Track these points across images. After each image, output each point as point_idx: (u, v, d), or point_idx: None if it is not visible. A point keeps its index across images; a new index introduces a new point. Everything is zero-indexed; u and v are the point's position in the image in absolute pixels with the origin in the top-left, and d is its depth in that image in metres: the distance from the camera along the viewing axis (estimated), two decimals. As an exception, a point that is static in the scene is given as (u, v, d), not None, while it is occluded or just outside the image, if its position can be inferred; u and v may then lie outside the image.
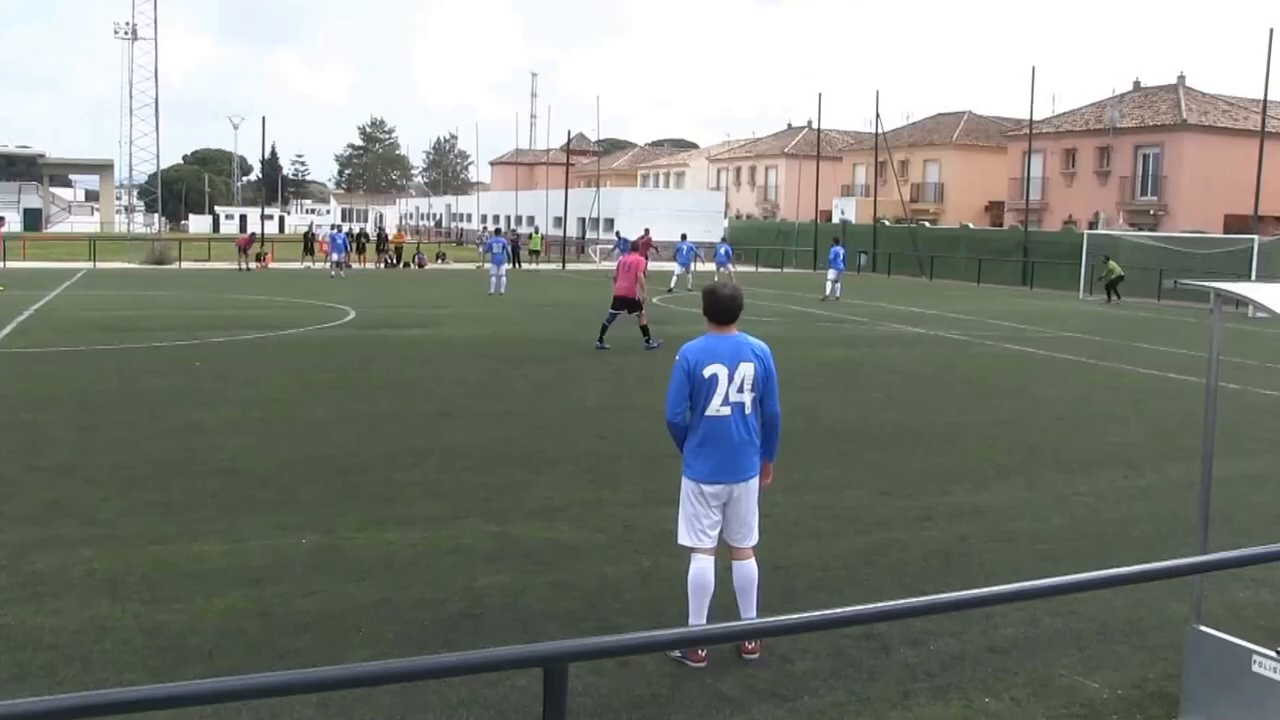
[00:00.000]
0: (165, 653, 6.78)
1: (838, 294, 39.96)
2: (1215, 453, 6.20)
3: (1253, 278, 38.30)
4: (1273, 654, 5.68)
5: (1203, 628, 6.06)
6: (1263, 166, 45.52)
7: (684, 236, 45.79)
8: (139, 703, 2.89)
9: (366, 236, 63.01)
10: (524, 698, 6.17)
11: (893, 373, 20.70)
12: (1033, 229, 58.82)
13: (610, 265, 42.21)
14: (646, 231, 43.58)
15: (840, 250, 41.86)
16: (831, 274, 40.95)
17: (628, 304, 22.72)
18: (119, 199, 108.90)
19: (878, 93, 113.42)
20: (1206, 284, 5.99)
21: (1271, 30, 44.44)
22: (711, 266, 45.97)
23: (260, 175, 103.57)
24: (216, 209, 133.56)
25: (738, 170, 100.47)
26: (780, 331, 26.20)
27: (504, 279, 38.98)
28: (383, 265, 58.19)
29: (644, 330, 23.00)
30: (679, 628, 6.94)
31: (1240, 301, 5.91)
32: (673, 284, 41.90)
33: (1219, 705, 5.93)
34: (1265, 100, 46.42)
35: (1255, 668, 5.69)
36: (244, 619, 7.36)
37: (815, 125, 74.30)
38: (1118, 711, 6.38)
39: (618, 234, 51.80)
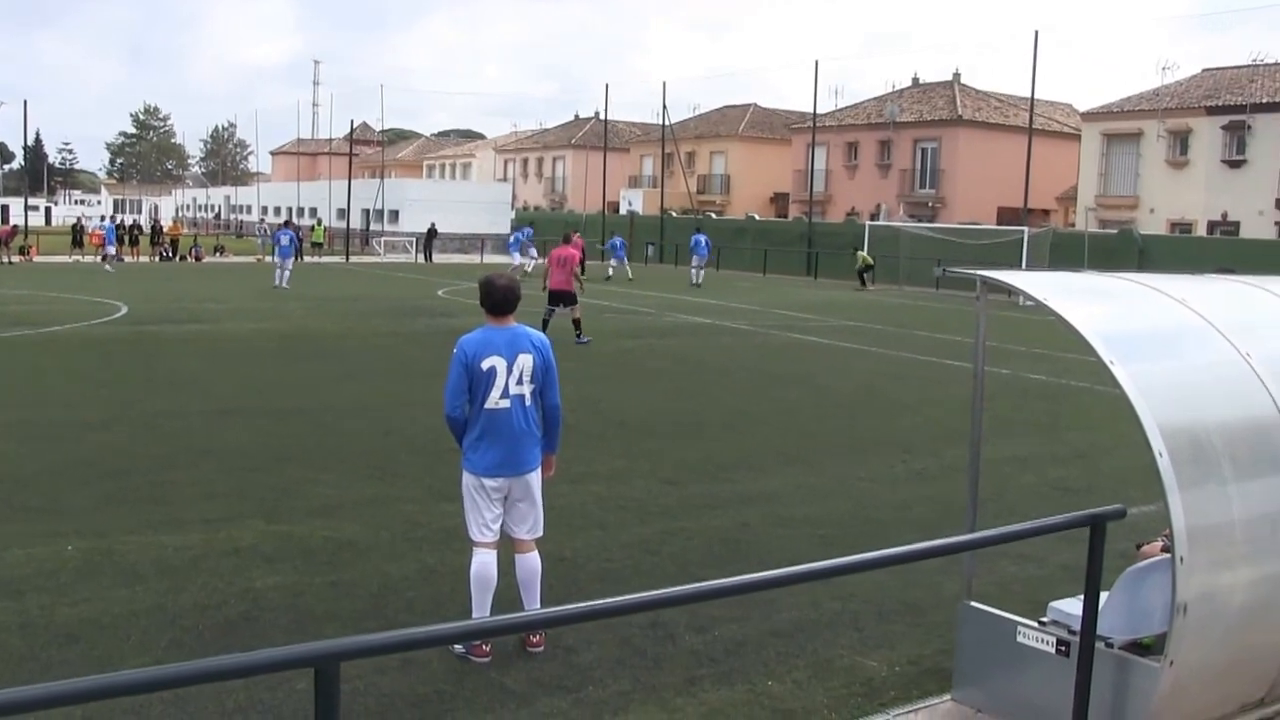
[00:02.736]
0: (-90, 672, 6.33)
1: (698, 280, 43.69)
2: (986, 436, 6.43)
3: (1023, 266, 40.16)
4: (1035, 624, 5.93)
5: (973, 603, 6.28)
6: (1031, 162, 47.95)
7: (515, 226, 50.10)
8: None
9: (139, 228, 60.35)
10: (303, 700, 5.99)
11: (679, 363, 20.94)
12: (816, 220, 60.45)
13: (399, 258, 41.68)
14: (577, 232, 44.37)
15: (701, 238, 45.73)
16: (695, 260, 44.92)
17: (563, 298, 22.45)
18: None
19: (664, 84, 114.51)
20: (971, 271, 6.18)
21: (1037, 33, 46.77)
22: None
23: (24, 163, 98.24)
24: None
25: (525, 161, 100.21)
26: (567, 323, 26.22)
27: (288, 273, 38.06)
28: (157, 258, 56.03)
29: (576, 324, 22.79)
30: (459, 621, 6.85)
31: (1011, 290, 6.13)
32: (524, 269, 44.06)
33: (988, 677, 6.16)
34: (1032, 98, 48.89)
35: (1019, 638, 5.93)
36: (2, 633, 6.94)
37: (602, 116, 74.69)
38: (895, 688, 6.56)
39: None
